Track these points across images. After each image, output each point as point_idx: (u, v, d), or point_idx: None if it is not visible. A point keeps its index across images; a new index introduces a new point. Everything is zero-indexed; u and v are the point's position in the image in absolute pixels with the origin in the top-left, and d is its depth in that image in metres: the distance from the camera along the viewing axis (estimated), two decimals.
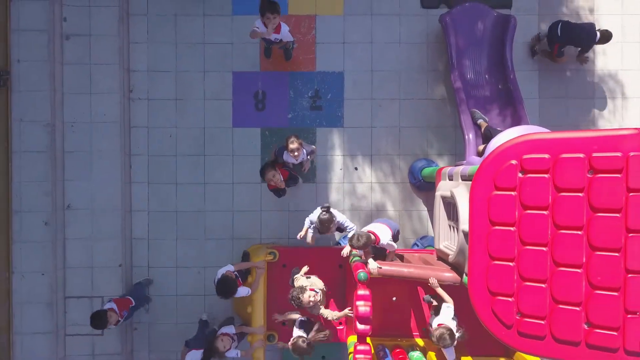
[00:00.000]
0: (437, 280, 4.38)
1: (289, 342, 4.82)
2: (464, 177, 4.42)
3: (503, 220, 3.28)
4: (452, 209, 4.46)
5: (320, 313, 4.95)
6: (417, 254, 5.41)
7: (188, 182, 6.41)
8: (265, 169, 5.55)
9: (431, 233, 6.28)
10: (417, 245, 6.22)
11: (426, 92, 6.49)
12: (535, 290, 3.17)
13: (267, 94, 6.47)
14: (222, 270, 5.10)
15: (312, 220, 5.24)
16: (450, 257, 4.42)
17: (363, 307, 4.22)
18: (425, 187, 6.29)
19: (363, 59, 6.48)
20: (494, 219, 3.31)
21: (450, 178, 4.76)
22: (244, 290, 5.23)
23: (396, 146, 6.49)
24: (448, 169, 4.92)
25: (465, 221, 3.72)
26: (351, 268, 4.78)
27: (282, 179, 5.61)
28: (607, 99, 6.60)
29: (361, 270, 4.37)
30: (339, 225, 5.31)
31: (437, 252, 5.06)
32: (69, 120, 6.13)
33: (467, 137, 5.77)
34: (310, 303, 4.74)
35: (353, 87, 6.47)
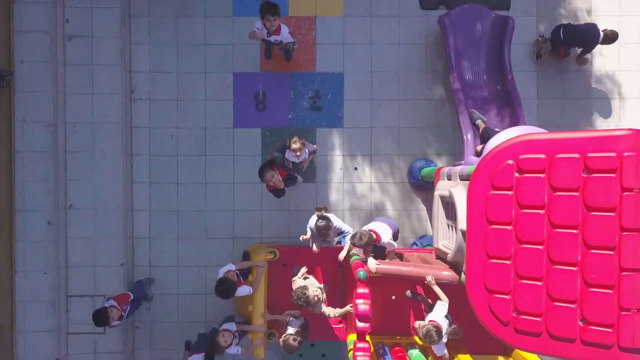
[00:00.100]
0: (436, 278, 4.43)
1: (280, 340, 4.90)
2: (462, 177, 4.43)
3: (500, 219, 3.31)
4: (451, 208, 4.47)
5: (322, 311, 4.97)
6: (416, 253, 5.42)
7: (189, 182, 6.45)
8: (263, 170, 5.56)
9: (430, 232, 6.32)
10: (416, 245, 6.25)
11: (425, 92, 6.52)
12: (531, 288, 3.20)
13: (267, 95, 6.51)
14: (224, 270, 5.13)
15: (311, 226, 5.24)
16: (448, 256, 4.43)
17: (362, 305, 4.25)
18: (424, 186, 6.31)
19: (363, 60, 6.51)
20: (491, 218, 3.34)
21: (449, 178, 4.77)
22: (245, 289, 5.26)
23: (395, 146, 6.52)
24: (446, 169, 4.93)
25: (463, 220, 3.72)
26: (351, 267, 4.82)
27: (281, 179, 5.63)
28: (605, 99, 6.63)
29: (361, 269, 4.41)
30: (337, 230, 5.33)
31: (435, 251, 5.06)
32: (71, 121, 6.16)
33: (466, 137, 5.80)
34: (316, 298, 4.81)
35: (353, 87, 6.51)
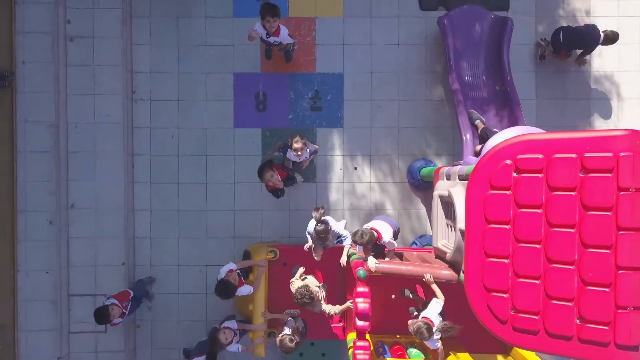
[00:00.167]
0: (435, 277, 4.46)
1: (277, 340, 4.92)
2: (461, 177, 4.45)
3: (498, 219, 3.33)
4: (450, 208, 4.49)
5: (323, 309, 4.99)
6: (415, 253, 5.44)
7: (190, 182, 6.48)
8: (263, 170, 5.57)
9: (429, 232, 6.35)
10: (416, 244, 6.28)
11: (424, 93, 6.55)
12: (529, 287, 3.22)
13: (267, 95, 6.54)
14: (225, 270, 5.15)
15: (309, 231, 5.18)
16: (447, 255, 4.45)
17: (362, 303, 4.29)
18: (424, 186, 6.34)
19: (362, 61, 6.54)
20: (489, 218, 3.36)
21: (448, 178, 4.80)
22: (246, 288, 5.29)
23: (395, 146, 6.56)
24: (446, 169, 4.95)
25: (462, 220, 3.74)
26: (350, 266, 4.85)
27: (280, 179, 5.64)
28: (604, 100, 6.66)
29: (360, 268, 4.44)
30: (335, 234, 5.28)
31: (435, 250, 5.06)
32: (72, 121, 6.20)
33: (465, 137, 5.83)
34: (318, 294, 4.85)
35: (353, 88, 6.54)
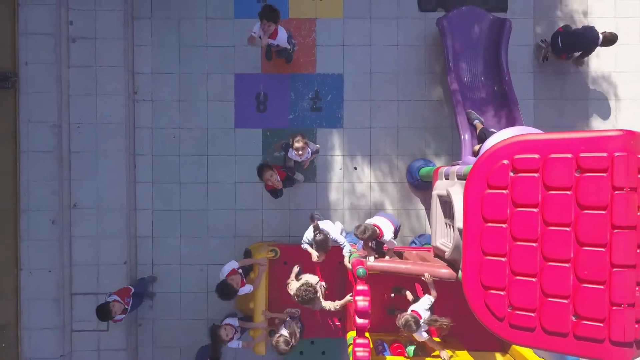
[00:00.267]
0: (434, 276, 4.52)
1: (273, 340, 4.93)
2: (459, 177, 4.50)
3: (495, 218, 3.37)
4: (449, 207, 4.53)
5: (323, 306, 5.00)
6: (414, 252, 5.50)
7: (191, 182, 6.53)
8: (262, 169, 5.56)
9: (429, 231, 6.40)
10: (415, 243, 6.32)
11: (424, 93, 6.60)
12: (525, 284, 3.26)
13: (268, 96, 6.59)
14: (228, 268, 5.19)
15: (308, 239, 5.14)
16: (446, 254, 4.50)
17: (362, 301, 4.34)
18: (423, 186, 6.39)
19: (362, 62, 6.59)
20: (487, 217, 3.40)
21: (447, 177, 4.84)
22: (247, 288, 5.33)
23: (394, 146, 6.61)
24: (444, 169, 4.99)
25: (461, 219, 3.79)
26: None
27: (279, 180, 5.65)
28: (601, 100, 6.71)
29: (360, 267, 4.50)
30: (333, 241, 5.23)
31: (434, 249, 5.12)
32: (75, 121, 6.25)
33: (463, 137, 5.87)
34: (318, 289, 4.89)
35: (352, 88, 6.59)
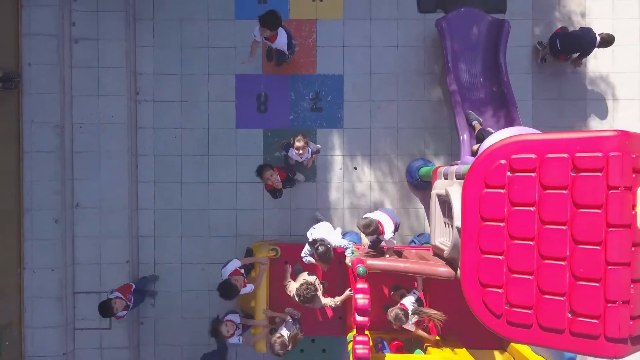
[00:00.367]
0: (433, 275, 4.58)
1: (271, 339, 4.95)
2: (458, 176, 4.54)
3: (493, 217, 3.43)
4: (447, 206, 4.57)
5: (324, 303, 5.01)
6: (414, 251, 5.53)
7: (193, 182, 6.57)
8: (263, 168, 5.60)
9: (428, 230, 6.45)
10: (415, 242, 6.37)
11: (423, 94, 6.65)
12: (522, 282, 3.32)
13: (269, 96, 6.63)
14: (230, 268, 5.22)
15: (307, 252, 5.12)
16: (445, 252, 4.54)
17: (362, 299, 4.36)
18: (422, 186, 6.43)
19: (362, 62, 6.64)
20: (485, 215, 3.46)
21: (446, 177, 4.89)
22: (248, 288, 5.36)
23: (394, 146, 6.65)
24: (443, 169, 5.03)
25: (459, 218, 3.84)
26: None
27: (279, 180, 5.68)
28: (599, 101, 6.76)
29: (360, 265, 4.54)
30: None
31: (433, 248, 5.14)
32: (77, 122, 6.30)
33: (462, 137, 5.91)
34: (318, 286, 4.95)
35: (352, 89, 6.64)
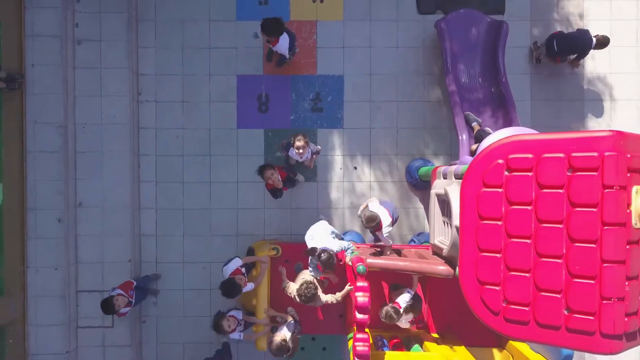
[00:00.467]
0: (432, 273, 4.64)
1: (272, 338, 4.98)
2: (457, 176, 4.60)
3: (491, 215, 3.49)
4: (446, 205, 4.63)
5: (324, 301, 5.02)
6: (413, 249, 5.59)
7: (194, 181, 6.62)
8: (264, 167, 5.64)
9: (427, 229, 6.49)
10: (414, 241, 6.42)
11: (422, 94, 6.71)
12: (520, 280, 3.38)
13: (270, 97, 6.69)
14: (232, 267, 5.26)
15: (314, 264, 5.01)
16: (444, 251, 4.60)
17: (362, 297, 4.43)
18: (422, 185, 6.48)
19: (362, 63, 6.69)
20: (483, 214, 3.52)
21: (445, 177, 4.94)
22: (249, 286, 5.39)
23: (394, 146, 6.71)
24: (443, 168, 5.08)
25: (458, 217, 3.90)
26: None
27: (280, 179, 5.71)
28: (597, 101, 6.82)
29: (360, 264, 4.60)
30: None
31: (432, 247, 5.21)
32: (80, 122, 6.35)
33: (461, 138, 5.96)
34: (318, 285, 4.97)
35: (352, 89, 6.69)
